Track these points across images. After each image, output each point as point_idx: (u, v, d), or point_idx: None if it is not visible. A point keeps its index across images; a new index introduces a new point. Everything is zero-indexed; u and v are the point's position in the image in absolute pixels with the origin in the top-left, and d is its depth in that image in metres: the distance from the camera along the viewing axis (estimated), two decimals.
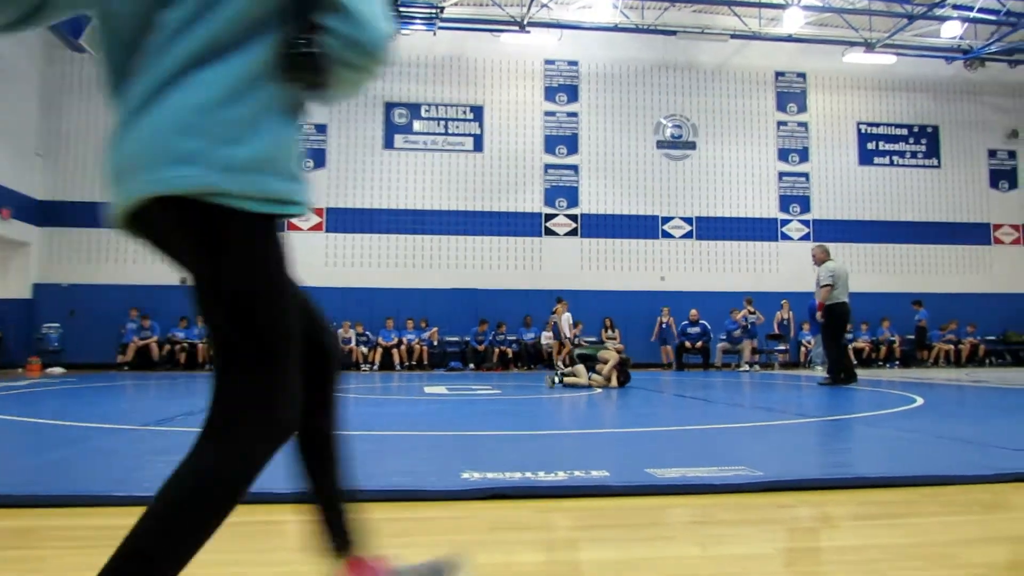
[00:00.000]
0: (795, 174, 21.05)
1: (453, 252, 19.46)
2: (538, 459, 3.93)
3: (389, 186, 19.45)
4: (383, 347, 17.87)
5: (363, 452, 4.21)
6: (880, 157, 21.54)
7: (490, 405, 7.90)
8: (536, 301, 18.98)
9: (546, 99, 20.31)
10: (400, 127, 19.71)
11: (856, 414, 6.63)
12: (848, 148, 21.43)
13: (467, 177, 19.75)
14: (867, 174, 21.42)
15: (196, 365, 16.91)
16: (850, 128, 21.52)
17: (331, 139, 19.44)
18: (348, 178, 19.36)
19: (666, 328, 19.00)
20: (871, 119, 21.62)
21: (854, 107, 21.59)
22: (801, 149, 21.17)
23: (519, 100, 20.21)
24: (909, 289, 20.66)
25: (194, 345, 17.12)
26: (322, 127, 19.41)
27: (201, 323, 1.72)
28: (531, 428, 5.81)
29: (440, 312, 18.85)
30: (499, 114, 20.08)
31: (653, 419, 6.51)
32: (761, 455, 4.17)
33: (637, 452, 4.31)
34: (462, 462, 3.72)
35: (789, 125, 21.20)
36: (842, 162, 21.34)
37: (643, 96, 20.69)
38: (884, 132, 21.63)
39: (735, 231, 20.55)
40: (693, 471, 3.44)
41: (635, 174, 20.38)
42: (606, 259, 19.96)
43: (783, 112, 21.22)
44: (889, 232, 21.16)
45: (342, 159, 19.40)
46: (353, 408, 7.88)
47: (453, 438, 5.00)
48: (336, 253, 19.09)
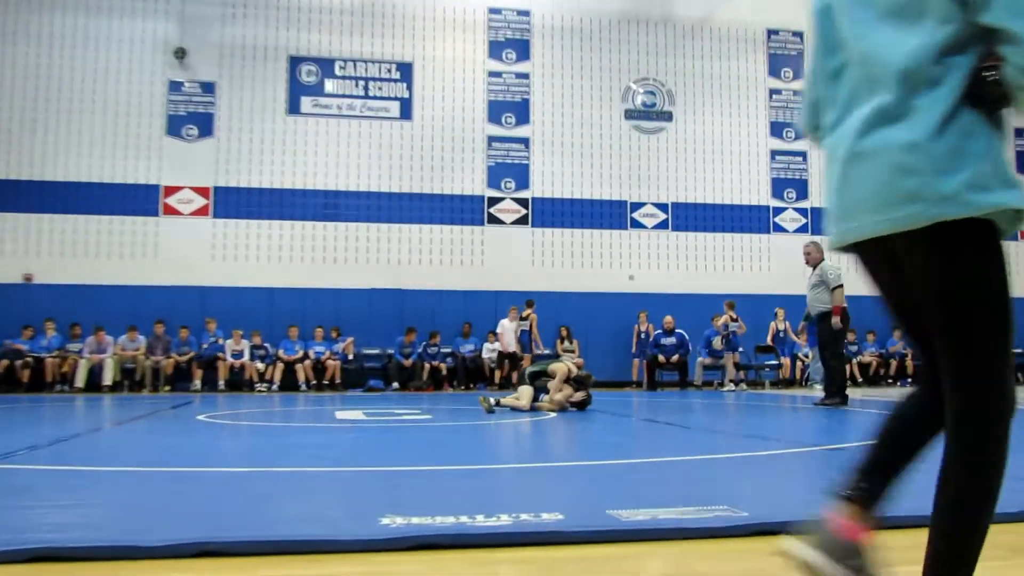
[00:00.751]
0: (791, 153, 21.42)
1: (374, 244, 19.35)
2: (477, 500, 3.91)
3: (294, 161, 19.25)
4: (285, 362, 17.67)
5: (257, 493, 4.15)
6: None
7: (418, 434, 7.86)
8: (477, 305, 18.97)
9: (490, 56, 20.33)
10: (308, 88, 19.53)
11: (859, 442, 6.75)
12: None
13: (391, 151, 19.66)
14: None
15: (43, 385, 16.51)
16: None
17: (220, 101, 19.16)
18: (242, 150, 19.11)
19: (644, 338, 19.13)
20: None
21: None
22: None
23: (456, 57, 20.18)
24: None
25: (41, 360, 16.71)
26: (209, 86, 19.13)
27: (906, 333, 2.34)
28: (468, 462, 5.79)
29: (357, 318, 18.71)
30: (432, 74, 20.02)
31: (617, 449, 6.54)
32: (747, 492, 4.22)
33: (597, 490, 4.33)
34: (382, 504, 3.69)
35: (784, 94, 21.58)
36: None
37: (609, 55, 20.84)
38: None
39: (719, 221, 20.83)
40: (665, 512, 3.46)
41: (598, 150, 20.52)
42: (563, 254, 20.05)
43: (776, 78, 21.58)
44: None
45: (234, 127, 19.14)
46: (246, 439, 7.76)
47: (371, 475, 4.96)
48: (226, 244, 18.82)
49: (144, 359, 17.19)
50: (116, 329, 17.25)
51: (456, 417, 10.17)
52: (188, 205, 18.68)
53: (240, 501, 3.89)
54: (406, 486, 4.48)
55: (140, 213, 18.53)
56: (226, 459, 5.98)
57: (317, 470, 5.18)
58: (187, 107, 19.00)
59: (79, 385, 16.67)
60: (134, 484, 4.59)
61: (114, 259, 18.29)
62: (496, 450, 6.87)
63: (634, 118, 20.80)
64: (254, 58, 19.34)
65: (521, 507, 3.58)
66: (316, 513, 3.56)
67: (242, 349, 17.57)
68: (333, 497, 4.11)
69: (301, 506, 3.75)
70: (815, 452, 6.09)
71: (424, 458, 5.84)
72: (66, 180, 18.41)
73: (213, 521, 3.33)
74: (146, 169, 18.67)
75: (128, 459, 5.90)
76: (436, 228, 19.63)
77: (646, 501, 3.74)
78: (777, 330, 19.63)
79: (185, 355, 17.45)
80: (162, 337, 17.48)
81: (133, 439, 7.48)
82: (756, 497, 4.01)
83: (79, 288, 17.87)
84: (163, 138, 18.83)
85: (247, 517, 3.43)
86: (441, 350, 18.50)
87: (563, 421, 9.00)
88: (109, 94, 18.75)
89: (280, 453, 6.18)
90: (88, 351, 17.05)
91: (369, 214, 19.40)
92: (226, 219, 18.87)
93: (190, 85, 19.08)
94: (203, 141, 18.98)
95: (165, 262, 18.38)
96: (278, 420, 10.06)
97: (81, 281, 17.92)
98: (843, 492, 2.36)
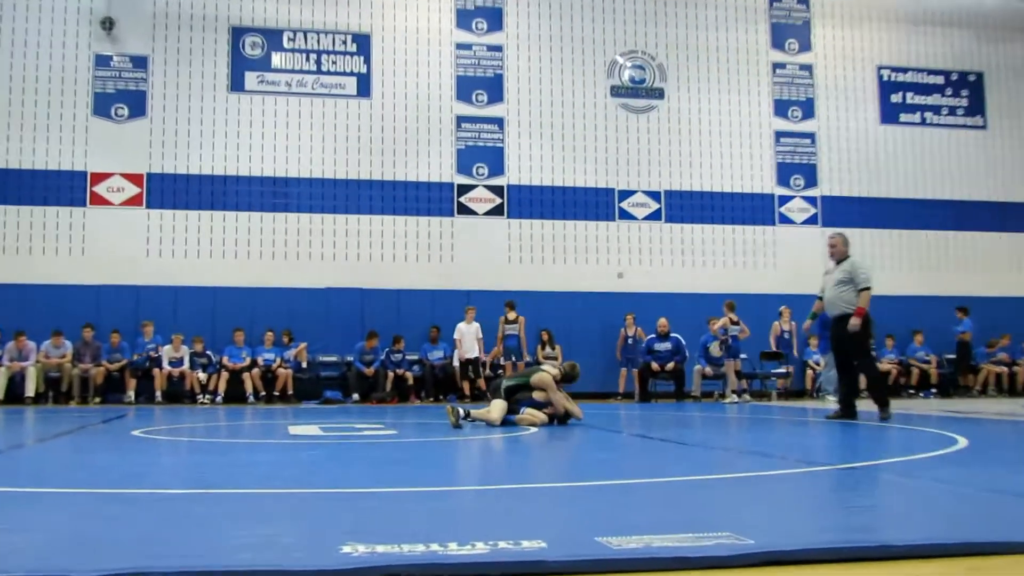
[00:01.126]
0: (797, 134, 21.54)
1: (329, 237, 19.30)
2: (449, 525, 3.90)
3: (238, 144, 19.18)
4: (230, 371, 17.60)
5: (200, 518, 4.13)
6: (908, 113, 22.22)
7: (382, 451, 7.84)
8: (446, 305, 18.97)
9: (458, 26, 20.33)
10: (253, 62, 19.46)
11: (879, 460, 6.80)
12: (866, 101, 22.05)
13: (348, 133, 19.63)
14: (891, 136, 22.06)
15: None
16: (869, 74, 22.13)
17: (154, 77, 19.07)
18: (179, 132, 19.02)
19: (632, 343, 19.18)
20: (896, 62, 22.29)
21: (874, 46, 22.21)
22: (804, 101, 21.68)
23: (420, 27, 20.17)
24: (949, 291, 21.36)
25: None
26: (141, 60, 19.02)
27: None
28: (439, 483, 5.78)
29: (311, 322, 18.67)
30: (392, 46, 20.01)
31: (606, 469, 6.55)
32: (752, 516, 4.23)
33: (585, 514, 4.33)
34: (342, 530, 3.67)
35: (788, 68, 21.69)
36: (858, 119, 21.94)
37: (592, 25, 20.89)
38: (913, 80, 22.32)
39: (717, 211, 20.92)
40: (660, 539, 3.47)
41: (581, 132, 20.57)
42: (543, 248, 20.09)
43: (780, 51, 21.69)
44: (921, 214, 21.84)
45: (170, 105, 19.05)
46: (187, 457, 7.72)
47: (329, 497, 4.94)
48: (162, 238, 18.72)
49: (71, 367, 17.10)
50: (39, 334, 17.15)
51: (424, 432, 10.15)
52: (119, 194, 18.57)
53: (182, 526, 3.86)
54: (369, 510, 4.47)
55: (64, 203, 18.40)
56: (165, 480, 5.94)
57: (268, 492, 5.15)
58: (116, 84, 18.89)
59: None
60: (61, 507, 4.55)
61: (36, 255, 18.16)
62: (470, 470, 6.87)
63: (621, 95, 20.85)
64: (191, 28, 19.26)
65: (499, 534, 3.58)
66: (268, 540, 3.54)
67: (181, 356, 17.49)
68: (287, 522, 4.09)
69: (251, 532, 3.73)
70: (828, 472, 6.12)
71: (389, 479, 5.83)
72: None
73: (151, 548, 3.31)
74: (70, 154, 18.54)
75: (54, 479, 5.84)
76: (399, 220, 19.61)
77: (639, 527, 3.74)
78: (782, 331, 19.63)
79: (117, 363, 17.35)
80: (91, 343, 17.38)
81: (59, 457, 7.42)
82: (762, 522, 4.02)
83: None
84: (89, 119, 18.71)
85: (190, 544, 3.41)
86: (406, 357, 18.49)
87: (545, 437, 9.01)
88: (28, 70, 18.61)
89: (226, 473, 6.15)
90: (7, 358, 16.95)
91: (324, 204, 19.35)
92: (162, 209, 18.78)
93: (119, 59, 18.96)
94: (135, 122, 18.88)
95: (93, 258, 18.26)
96: (223, 436, 10.00)
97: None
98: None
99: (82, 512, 4.41)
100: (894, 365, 20.04)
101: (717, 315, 18.76)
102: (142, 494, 5.07)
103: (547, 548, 3.34)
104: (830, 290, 11.41)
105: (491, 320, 18.70)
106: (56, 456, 7.55)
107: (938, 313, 20.71)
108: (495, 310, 18.77)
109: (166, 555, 3.20)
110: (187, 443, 8.88)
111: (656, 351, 18.71)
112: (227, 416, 13.58)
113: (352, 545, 3.35)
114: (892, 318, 19.69)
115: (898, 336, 20.33)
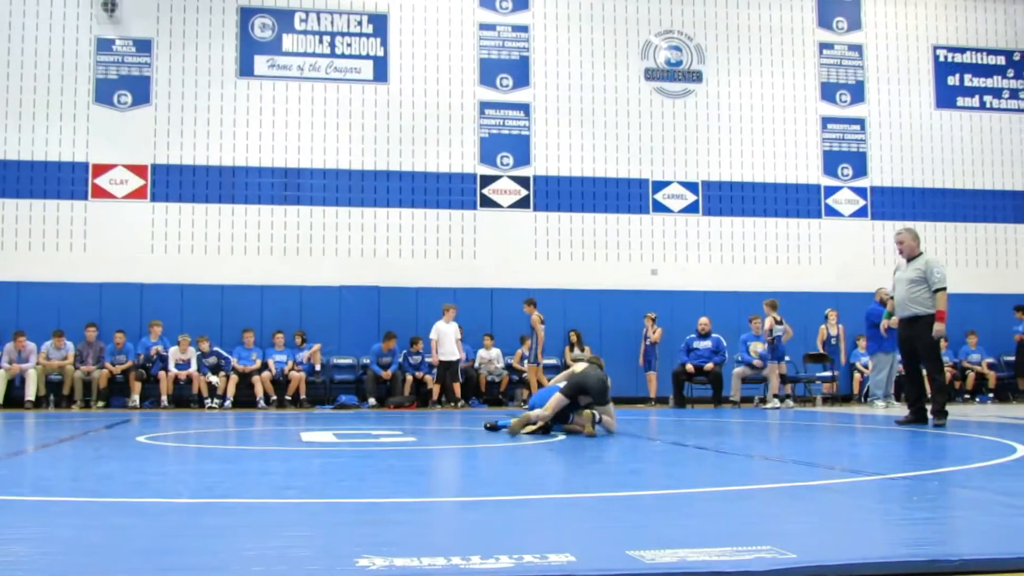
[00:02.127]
0: (845, 120, 21.44)
1: (344, 232, 19.37)
2: (472, 538, 3.93)
3: (247, 133, 19.27)
4: (240, 373, 17.67)
5: (210, 528, 4.17)
6: (966, 97, 22.07)
7: (400, 459, 7.87)
8: (468, 304, 18.97)
9: (481, 5, 20.34)
10: (263, 44, 19.53)
11: (932, 469, 6.78)
12: (920, 83, 21.91)
13: (364, 120, 19.68)
14: (947, 121, 21.92)
15: None
16: (924, 54, 22.00)
17: (159, 61, 19.18)
18: (185, 120, 19.13)
19: (650, 345, 19.02)
20: (953, 41, 22.14)
21: (929, 23, 22.07)
22: (854, 84, 21.57)
23: (440, 6, 20.20)
24: (1007, 289, 21.25)
25: None
26: (145, 44, 19.14)
27: None
28: (461, 493, 5.81)
29: (325, 322, 18.74)
30: (411, 27, 20.04)
31: (640, 478, 6.56)
32: (795, 529, 4.24)
33: (615, 526, 4.34)
34: (359, 542, 3.70)
35: (836, 49, 21.58)
36: (912, 104, 21.81)
37: (625, 3, 20.85)
38: (972, 60, 22.16)
39: (759, 203, 20.85)
40: (695, 553, 3.48)
41: (613, 118, 20.54)
42: (571, 243, 20.08)
43: (828, 30, 21.59)
44: (979, 206, 21.69)
45: (176, 92, 19.15)
46: (195, 464, 7.78)
47: (345, 508, 4.97)
48: (168, 233, 18.83)
49: (73, 370, 17.20)
50: (39, 334, 17.28)
51: (445, 439, 10.17)
52: (122, 187, 18.69)
53: (190, 537, 3.90)
54: (387, 521, 4.50)
55: (65, 196, 18.55)
56: (173, 488, 5.99)
57: (281, 502, 5.19)
58: (119, 69, 19.01)
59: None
60: (65, 517, 4.59)
61: (35, 251, 18.31)
62: (495, 479, 6.88)
63: (656, 79, 20.82)
64: (197, 10, 19.35)
65: (525, 547, 3.60)
66: (281, 552, 3.58)
67: (188, 358, 17.55)
68: (300, 533, 4.12)
69: (263, 544, 3.77)
70: (877, 482, 6.11)
71: (408, 488, 5.86)
72: None
73: (158, 561, 3.35)
74: (71, 144, 18.68)
75: (57, 488, 5.90)
76: (418, 213, 19.65)
77: (673, 540, 3.75)
78: (828, 336, 19.42)
79: (121, 365, 17.45)
80: (94, 343, 17.48)
81: (62, 464, 7.49)
82: (805, 535, 4.02)
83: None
84: (91, 107, 18.84)
85: (199, 556, 3.45)
86: (426, 359, 18.46)
87: (575, 445, 9.01)
88: (25, 55, 18.75)
89: (236, 482, 6.19)
90: (7, 360, 17.07)
91: (338, 196, 19.42)
92: (167, 203, 18.89)
93: (122, 43, 19.08)
94: (138, 110, 19.00)
95: (96, 254, 18.40)
96: (233, 442, 10.06)
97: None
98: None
99: (86, 523, 4.46)
100: (950, 369, 19.87)
101: (758, 314, 18.55)
102: (149, 503, 5.12)
103: (576, 562, 3.36)
104: (901, 290, 11.35)
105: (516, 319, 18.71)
106: (58, 463, 7.62)
107: (996, 313, 20.59)
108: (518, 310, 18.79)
109: (174, 568, 3.24)
110: (196, 450, 8.95)
111: (696, 350, 18.54)
112: (237, 422, 13.66)
113: (369, 558, 3.38)
114: (948, 320, 19.54)
115: (952, 337, 20.15)
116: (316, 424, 12.61)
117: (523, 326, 18.43)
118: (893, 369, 16.67)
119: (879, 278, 18.42)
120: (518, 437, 9.63)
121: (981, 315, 20.56)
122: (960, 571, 3.40)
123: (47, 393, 17.24)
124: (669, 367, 18.88)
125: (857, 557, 3.48)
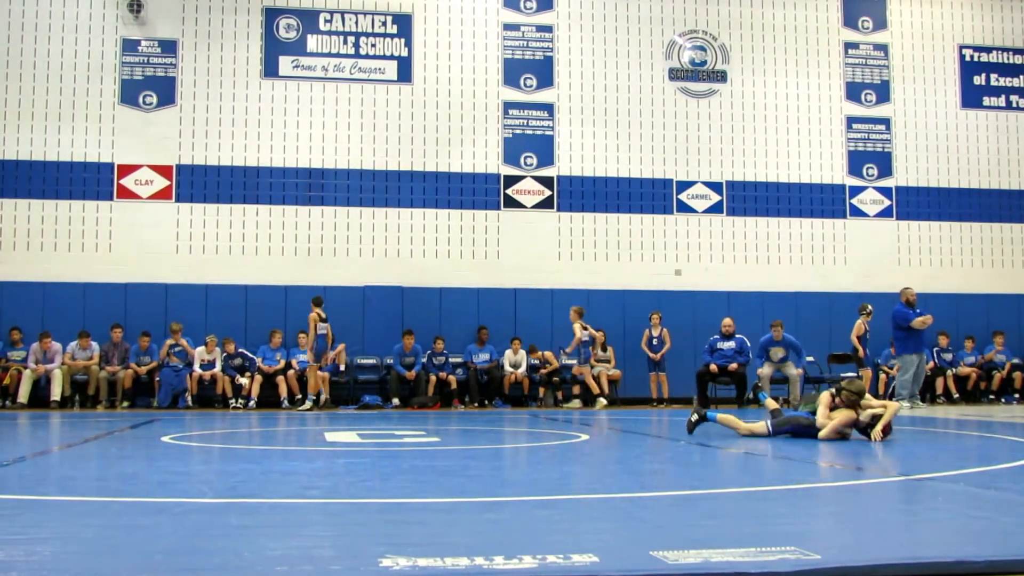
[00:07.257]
0: (870, 120, 21.33)
1: (368, 232, 19.40)
2: (495, 538, 3.94)
3: (272, 133, 19.32)
4: (264, 373, 17.71)
5: (234, 528, 4.19)
6: (992, 96, 21.92)
7: (423, 460, 7.88)
8: (491, 305, 18.98)
9: (505, 5, 20.33)
10: (288, 45, 19.59)
11: (957, 470, 6.74)
12: (946, 83, 21.77)
13: (388, 120, 19.70)
14: (973, 121, 21.77)
15: None
16: (949, 54, 21.86)
17: (184, 63, 19.25)
18: (210, 121, 19.19)
19: (657, 344, 18.87)
20: (979, 41, 21.99)
21: (955, 23, 21.93)
22: (879, 84, 21.46)
23: (465, 6, 20.20)
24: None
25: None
26: (170, 45, 19.21)
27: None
28: (484, 493, 5.81)
29: (348, 322, 18.74)
30: (435, 27, 20.05)
31: (663, 479, 6.55)
32: (820, 529, 4.23)
33: (639, 526, 4.34)
34: (382, 542, 3.72)
35: (862, 48, 21.48)
36: (938, 103, 21.68)
37: (649, 3, 20.80)
38: (998, 60, 22.01)
39: (783, 203, 20.76)
40: (719, 554, 3.47)
41: (637, 118, 20.49)
42: (595, 244, 20.04)
43: (853, 29, 21.48)
44: (1005, 206, 21.52)
45: (200, 93, 19.22)
46: (220, 464, 7.82)
47: (368, 508, 4.99)
48: (193, 233, 18.90)
49: (98, 370, 17.26)
50: (65, 335, 17.37)
51: (469, 440, 10.18)
52: (147, 187, 18.76)
53: (215, 537, 3.93)
54: (410, 521, 4.51)
55: (90, 197, 18.63)
56: (197, 488, 6.02)
57: (304, 502, 5.21)
58: (144, 70, 19.09)
59: (21, 400, 16.80)
60: (89, 517, 4.63)
61: (60, 252, 18.41)
62: (518, 480, 6.89)
63: (680, 79, 20.76)
64: (223, 11, 19.40)
65: (548, 547, 3.60)
66: (304, 553, 3.59)
67: (212, 359, 17.60)
68: (324, 533, 4.14)
69: (286, 544, 3.78)
70: (901, 483, 6.09)
71: (432, 489, 5.87)
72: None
73: (183, 560, 3.37)
74: (96, 144, 18.77)
75: (82, 487, 5.95)
76: (442, 213, 19.66)
77: (697, 540, 3.75)
78: (866, 330, 18.84)
79: (146, 365, 17.52)
80: (119, 344, 17.56)
81: (87, 464, 7.54)
82: (830, 536, 4.01)
83: (19, 286, 18.02)
84: (116, 107, 18.92)
85: (223, 556, 3.47)
86: (450, 359, 18.48)
87: (599, 446, 9.01)
88: (51, 56, 18.85)
89: (260, 482, 6.21)
90: (32, 360, 17.15)
91: (362, 197, 19.45)
92: (192, 203, 18.95)
93: (147, 44, 19.16)
94: (163, 110, 19.07)
95: (121, 255, 18.49)
96: (257, 443, 10.10)
97: (21, 278, 18.06)
98: None
99: (110, 522, 4.49)
100: (973, 369, 19.78)
101: (781, 316, 18.27)
102: (173, 503, 5.14)
103: (599, 563, 3.36)
104: None
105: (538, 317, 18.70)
106: (83, 463, 7.67)
107: (1022, 313, 20.44)
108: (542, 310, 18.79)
109: (198, 568, 3.26)
110: (220, 450, 8.99)
111: (721, 350, 18.43)
112: (261, 422, 13.70)
113: (392, 558, 3.39)
114: (972, 318, 19.47)
115: (978, 337, 20.07)
116: (340, 424, 12.64)
117: (546, 325, 18.46)
118: (920, 370, 16.58)
119: (904, 278, 18.35)
120: (541, 437, 9.62)
121: (1007, 315, 20.43)
122: (986, 572, 3.39)
123: (72, 393, 17.30)
124: (678, 367, 18.77)
125: (882, 558, 3.47)
